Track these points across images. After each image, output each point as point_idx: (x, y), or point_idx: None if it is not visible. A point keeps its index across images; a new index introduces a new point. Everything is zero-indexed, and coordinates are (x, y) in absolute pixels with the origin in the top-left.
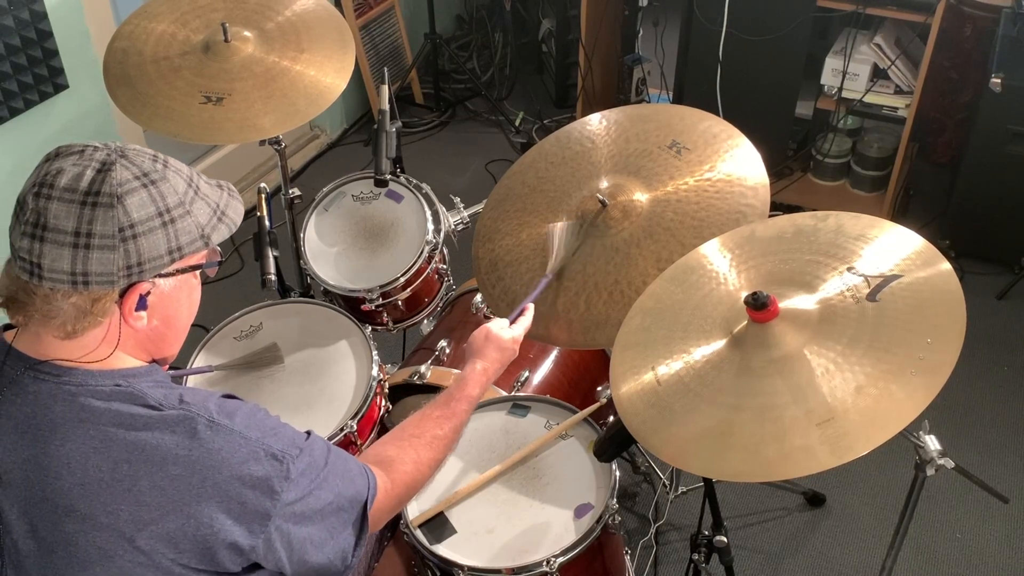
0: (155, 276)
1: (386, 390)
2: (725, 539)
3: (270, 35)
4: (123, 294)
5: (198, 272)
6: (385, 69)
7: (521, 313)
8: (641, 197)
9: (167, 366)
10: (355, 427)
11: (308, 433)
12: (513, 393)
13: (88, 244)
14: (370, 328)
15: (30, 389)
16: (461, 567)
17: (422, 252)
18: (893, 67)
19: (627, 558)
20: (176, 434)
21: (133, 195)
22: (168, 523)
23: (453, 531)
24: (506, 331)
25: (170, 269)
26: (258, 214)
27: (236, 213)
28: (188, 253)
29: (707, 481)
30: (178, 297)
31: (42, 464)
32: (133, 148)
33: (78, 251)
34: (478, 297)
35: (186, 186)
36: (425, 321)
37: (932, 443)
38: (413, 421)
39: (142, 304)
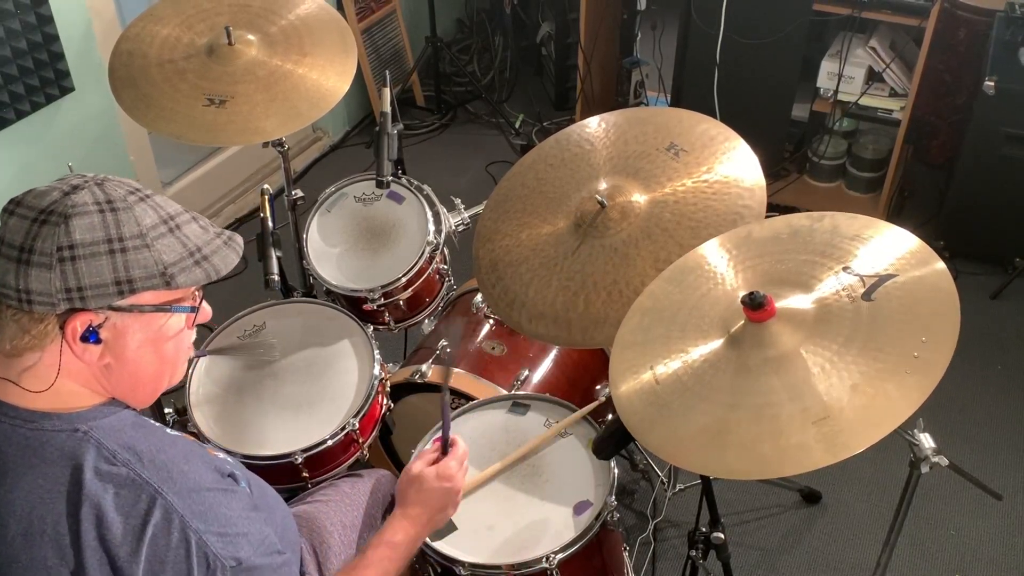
0: (105, 308)
1: (388, 389)
2: (722, 536)
3: (273, 38)
4: (66, 319)
5: (172, 318)
6: (387, 72)
7: (449, 444)
8: (639, 198)
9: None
10: (357, 425)
11: (282, 561)
12: (513, 392)
13: (28, 260)
14: (372, 328)
15: None
16: (462, 563)
17: (423, 252)
18: (888, 70)
19: (625, 554)
20: (120, 496)
21: (82, 217)
22: None
23: (454, 528)
24: (428, 469)
25: (123, 303)
26: (261, 215)
27: (223, 262)
28: (142, 289)
29: (704, 478)
30: (137, 339)
31: None
32: (117, 179)
33: (20, 266)
34: (478, 297)
35: (157, 221)
36: (426, 321)
37: (926, 441)
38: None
39: (93, 337)
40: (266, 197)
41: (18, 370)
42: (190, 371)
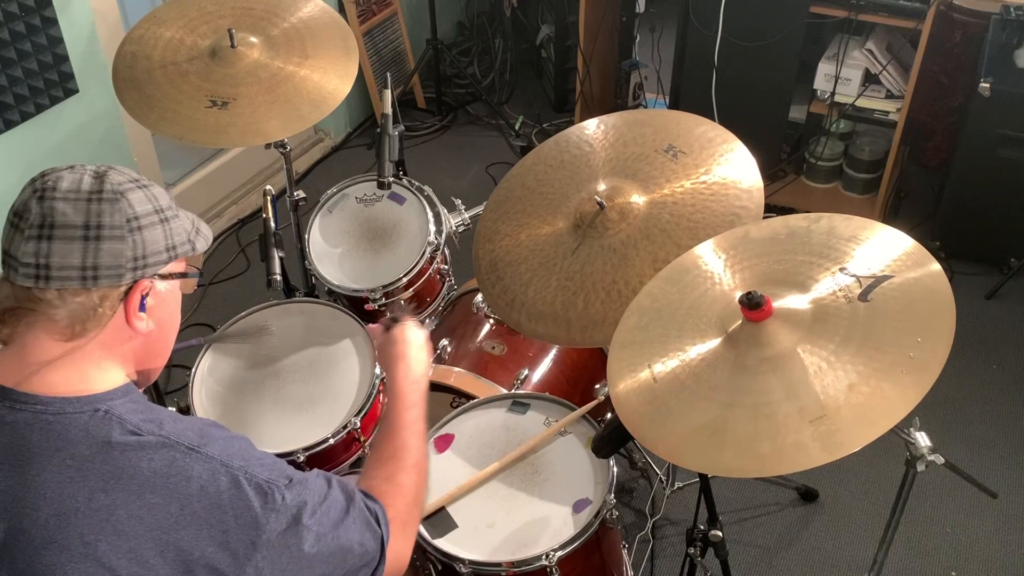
0: (154, 276)
1: None
2: (720, 533)
3: (276, 41)
4: (128, 289)
5: (182, 284)
6: (388, 74)
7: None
8: (638, 199)
9: (143, 388)
10: (358, 424)
11: (315, 472)
12: (513, 391)
13: (99, 236)
14: None
15: (7, 419)
16: (462, 561)
17: (424, 253)
18: (884, 72)
19: (624, 552)
20: (154, 461)
21: (133, 192)
22: (147, 551)
23: (454, 526)
24: (392, 331)
25: (165, 271)
26: (264, 216)
27: (208, 232)
28: (180, 255)
29: (703, 476)
30: (171, 303)
31: (19, 495)
32: (117, 167)
33: (88, 243)
34: (479, 297)
35: (168, 198)
36: (427, 320)
37: (922, 439)
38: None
39: (142, 306)
40: (269, 198)
41: (74, 353)
42: (193, 371)
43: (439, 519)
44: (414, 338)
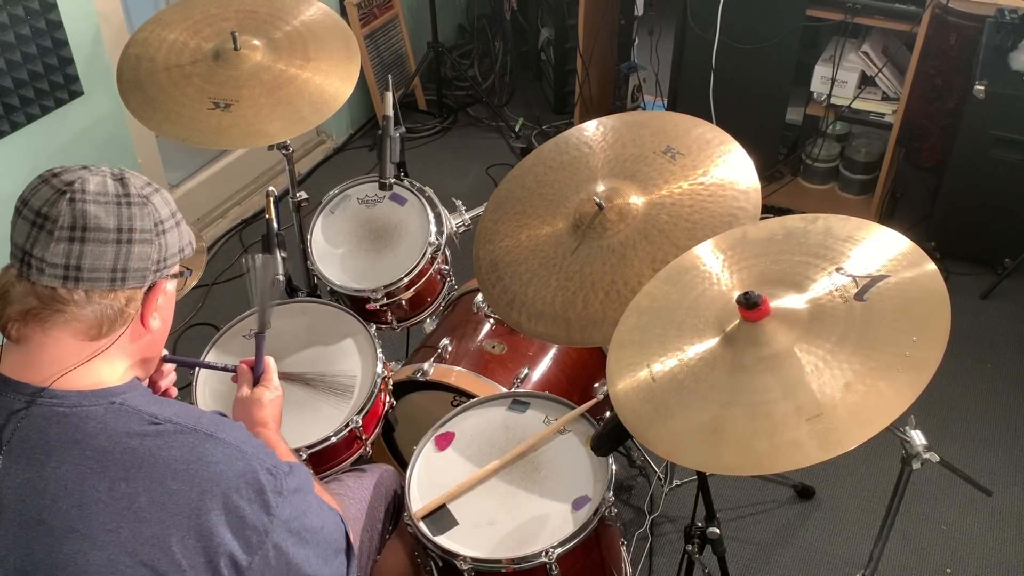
0: (168, 276)
1: (390, 387)
2: (718, 530)
3: (278, 44)
4: (150, 289)
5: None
6: (389, 76)
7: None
8: (637, 200)
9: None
10: (360, 422)
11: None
12: (513, 390)
13: (130, 239)
14: (375, 327)
15: (23, 414)
16: (463, 557)
17: (425, 253)
18: (880, 74)
19: (623, 549)
20: (173, 448)
21: (155, 196)
22: (170, 537)
23: (455, 523)
24: (258, 389)
25: (175, 271)
26: (266, 216)
27: (191, 234)
28: (186, 256)
29: (700, 474)
30: (172, 301)
31: (38, 487)
32: (126, 170)
33: (121, 247)
34: (479, 297)
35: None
36: (428, 320)
37: (918, 438)
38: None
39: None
40: (271, 199)
41: (92, 352)
42: (196, 369)
43: (440, 516)
44: (270, 400)
